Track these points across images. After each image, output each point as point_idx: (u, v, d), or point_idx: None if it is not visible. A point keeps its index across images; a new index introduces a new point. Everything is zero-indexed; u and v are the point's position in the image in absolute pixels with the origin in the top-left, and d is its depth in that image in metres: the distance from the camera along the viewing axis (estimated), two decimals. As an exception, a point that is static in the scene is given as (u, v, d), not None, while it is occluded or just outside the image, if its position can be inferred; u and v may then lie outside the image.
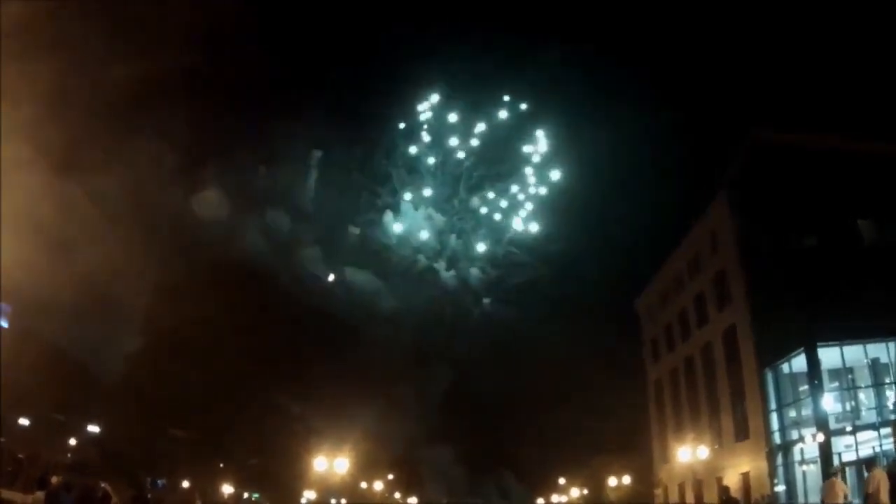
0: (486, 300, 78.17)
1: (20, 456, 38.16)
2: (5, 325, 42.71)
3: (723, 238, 48.39)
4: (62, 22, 32.75)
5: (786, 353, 39.67)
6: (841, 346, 36.78)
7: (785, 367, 40.75)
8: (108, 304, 53.37)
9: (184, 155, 57.14)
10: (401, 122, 74.41)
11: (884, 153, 39.97)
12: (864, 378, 38.09)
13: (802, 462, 38.36)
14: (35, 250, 32.66)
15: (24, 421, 50.37)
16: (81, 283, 42.18)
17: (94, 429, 58.96)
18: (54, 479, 27.06)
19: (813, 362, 37.03)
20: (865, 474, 23.42)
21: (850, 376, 38.35)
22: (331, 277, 77.20)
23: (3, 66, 27.55)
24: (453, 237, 75.86)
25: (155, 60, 43.54)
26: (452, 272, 76.62)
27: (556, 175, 73.90)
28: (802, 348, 37.68)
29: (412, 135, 74.55)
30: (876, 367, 37.27)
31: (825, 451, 34.67)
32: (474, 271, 76.78)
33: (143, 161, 46.93)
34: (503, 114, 73.98)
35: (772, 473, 40.36)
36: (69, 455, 53.81)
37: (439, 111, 74.21)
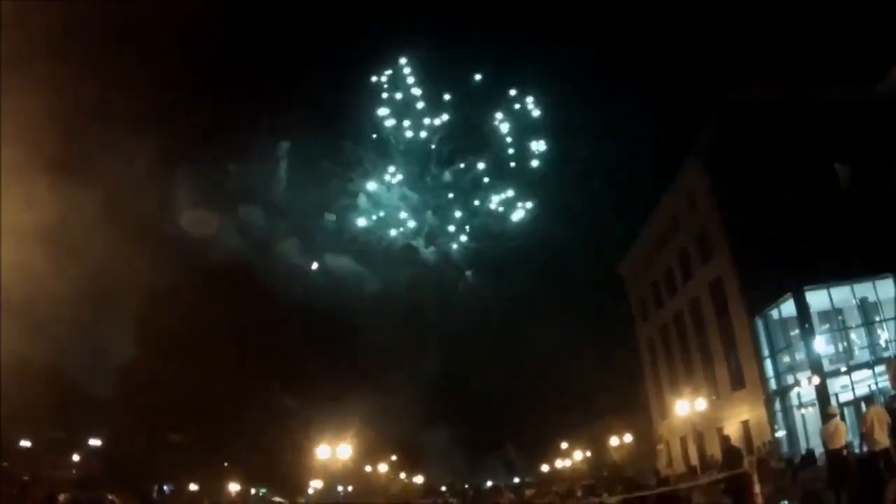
0: (468, 273, 77.95)
1: (25, 478, 38.06)
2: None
3: (700, 193, 48.50)
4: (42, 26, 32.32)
5: (774, 299, 39.91)
6: (828, 287, 37.12)
7: (774, 314, 40.96)
8: (97, 315, 53.02)
9: (159, 161, 56.49)
10: (366, 102, 73.74)
11: (852, 97, 40.27)
12: (854, 318, 38.49)
13: (800, 406, 38.82)
14: (20, 269, 32.42)
15: (25, 443, 50.29)
16: (69, 298, 41.88)
17: (96, 442, 58.94)
18: (62, 497, 27.16)
19: (802, 306, 37.38)
20: (863, 410, 23.72)
21: (840, 317, 38.75)
22: (314, 266, 76.85)
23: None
24: (429, 213, 75.50)
25: (130, 62, 43.09)
26: (432, 248, 76.35)
27: (533, 146, 73.48)
28: (790, 293, 37.96)
29: (378, 115, 73.98)
30: (865, 307, 37.63)
31: (822, 393, 35.11)
32: (453, 246, 76.56)
33: (122, 171, 46.38)
34: (470, 85, 73.51)
35: (771, 420, 40.79)
36: (74, 471, 53.83)
37: (405, 88, 73.70)
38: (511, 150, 74.02)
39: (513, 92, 73.52)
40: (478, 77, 72.87)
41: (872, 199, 37.28)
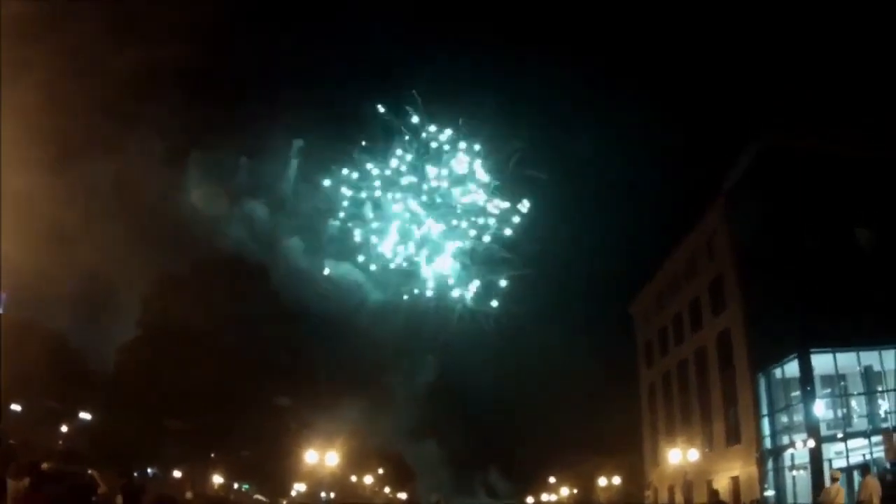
0: (468, 294, 77.06)
1: (11, 441, 38.00)
2: (0, 311, 42.66)
3: (718, 243, 48.41)
4: (52, 17, 32.66)
5: (779, 358, 39.66)
6: (834, 352, 36.79)
7: (778, 373, 40.70)
8: (103, 294, 53.43)
9: (175, 147, 56.90)
10: (379, 110, 73.62)
11: (880, 159, 39.91)
12: (856, 385, 38.06)
13: (793, 467, 38.45)
14: (32, 240, 32.69)
15: (16, 407, 50.43)
16: (77, 273, 42.23)
17: (86, 416, 59.09)
18: (44, 466, 27.08)
19: (806, 368, 37.07)
20: (857, 480, 23.46)
21: (842, 383, 38.40)
22: (326, 271, 76.54)
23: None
24: (432, 229, 74.91)
25: (144, 54, 43.42)
26: (433, 265, 75.74)
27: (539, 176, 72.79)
28: (796, 354, 37.71)
29: (391, 124, 73.74)
30: (868, 375, 37.22)
31: (815, 457, 34.77)
32: (455, 265, 75.82)
33: (137, 154, 46.84)
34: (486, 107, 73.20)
35: (762, 478, 40.43)
36: (60, 442, 53.87)
37: (419, 100, 73.41)
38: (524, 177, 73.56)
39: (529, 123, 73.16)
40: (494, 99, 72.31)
41: (891, 267, 36.93)
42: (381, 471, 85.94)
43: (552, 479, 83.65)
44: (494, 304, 74.62)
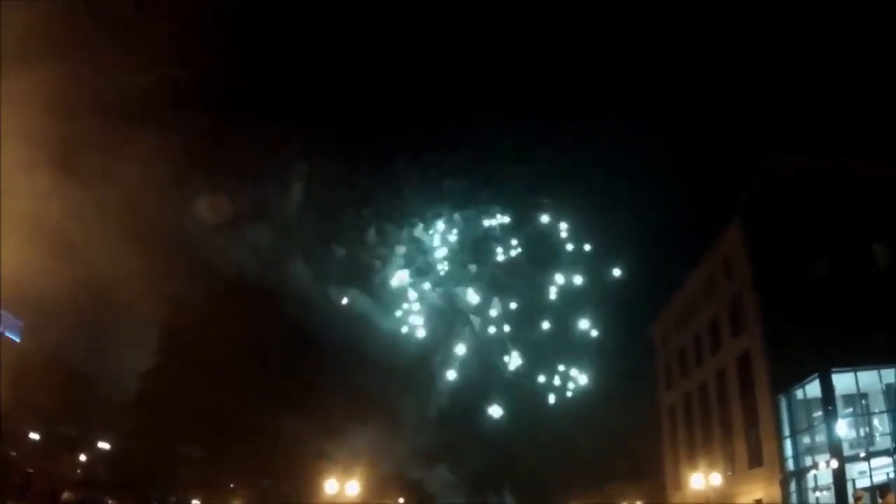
0: (475, 318, 76.38)
1: (30, 470, 38.16)
2: (17, 339, 43.07)
3: (736, 264, 48.19)
4: (59, 26, 32.96)
5: (800, 378, 39.37)
6: (855, 371, 36.56)
7: (799, 393, 40.38)
8: (120, 321, 53.62)
9: (191, 168, 56.94)
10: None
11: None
12: (878, 404, 37.76)
13: (816, 489, 38.00)
14: (47, 269, 32.90)
15: (34, 435, 50.58)
16: (95, 299, 42.42)
17: (104, 445, 59.15)
18: (65, 495, 27.22)
19: (827, 388, 36.81)
20: (879, 501, 23.14)
21: (864, 402, 38.11)
22: (344, 301, 76.19)
23: (3, 69, 27.78)
24: (442, 253, 74.55)
25: (161, 67, 43.70)
26: (440, 290, 75.17)
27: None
28: (816, 374, 37.43)
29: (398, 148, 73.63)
30: (890, 393, 36.87)
31: (839, 477, 34.36)
32: (461, 290, 75.20)
33: (153, 174, 46.99)
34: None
35: (785, 500, 39.89)
36: (78, 470, 53.97)
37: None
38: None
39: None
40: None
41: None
42: (401, 500, 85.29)
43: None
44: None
